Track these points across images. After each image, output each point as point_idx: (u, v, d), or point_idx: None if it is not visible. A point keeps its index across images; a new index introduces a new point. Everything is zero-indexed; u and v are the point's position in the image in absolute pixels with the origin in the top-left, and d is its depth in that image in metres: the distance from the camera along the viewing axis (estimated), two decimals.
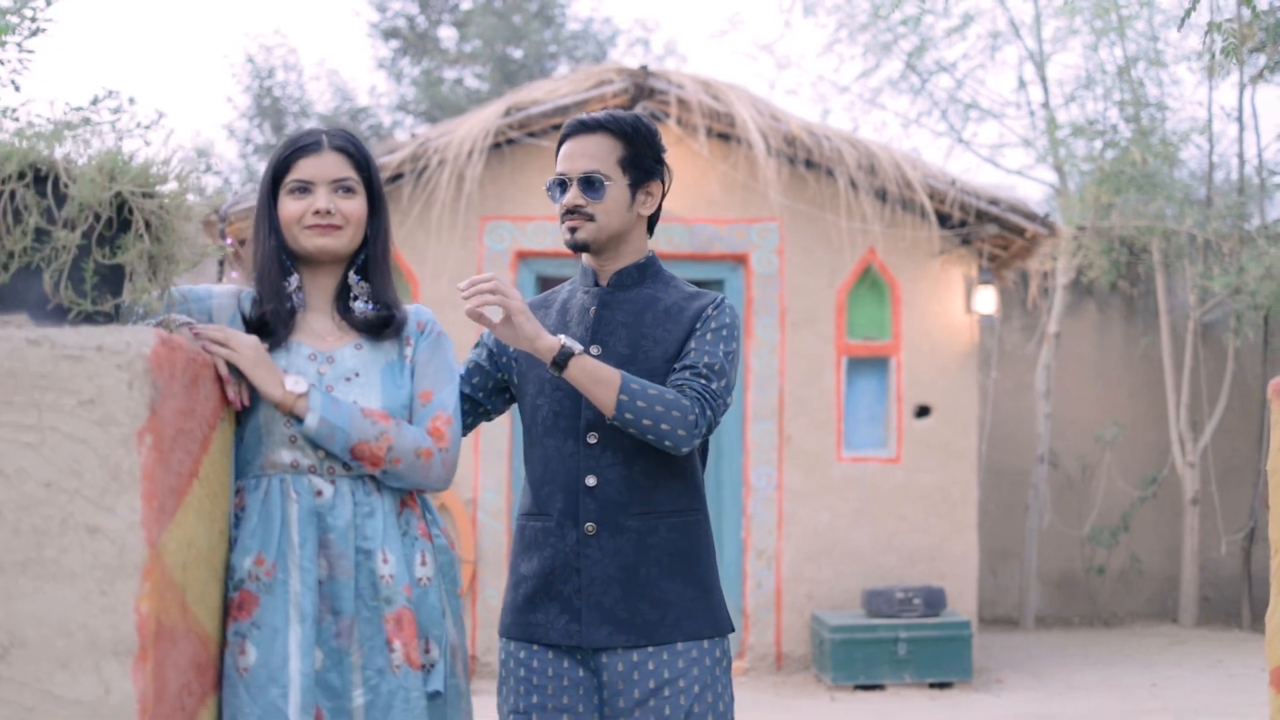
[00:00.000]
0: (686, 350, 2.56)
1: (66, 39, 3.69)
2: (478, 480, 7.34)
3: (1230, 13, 6.23)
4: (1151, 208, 9.43)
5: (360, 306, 2.42)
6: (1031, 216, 7.61)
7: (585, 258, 2.68)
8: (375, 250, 2.45)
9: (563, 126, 2.68)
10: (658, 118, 7.33)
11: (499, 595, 7.08)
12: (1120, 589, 10.03)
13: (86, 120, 4.31)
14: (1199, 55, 9.25)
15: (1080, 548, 9.96)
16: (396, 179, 7.34)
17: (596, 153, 2.59)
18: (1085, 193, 9.41)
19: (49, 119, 4.04)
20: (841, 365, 7.61)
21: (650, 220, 2.70)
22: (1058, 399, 9.91)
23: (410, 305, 2.50)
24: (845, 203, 7.56)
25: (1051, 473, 9.86)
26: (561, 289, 2.76)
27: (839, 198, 7.56)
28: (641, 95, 7.42)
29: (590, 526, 2.52)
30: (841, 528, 7.53)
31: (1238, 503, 9.86)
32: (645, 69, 7.48)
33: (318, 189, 2.37)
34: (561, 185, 2.61)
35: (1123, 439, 9.85)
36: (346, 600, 2.24)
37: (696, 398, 2.48)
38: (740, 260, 7.64)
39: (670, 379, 2.53)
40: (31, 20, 3.78)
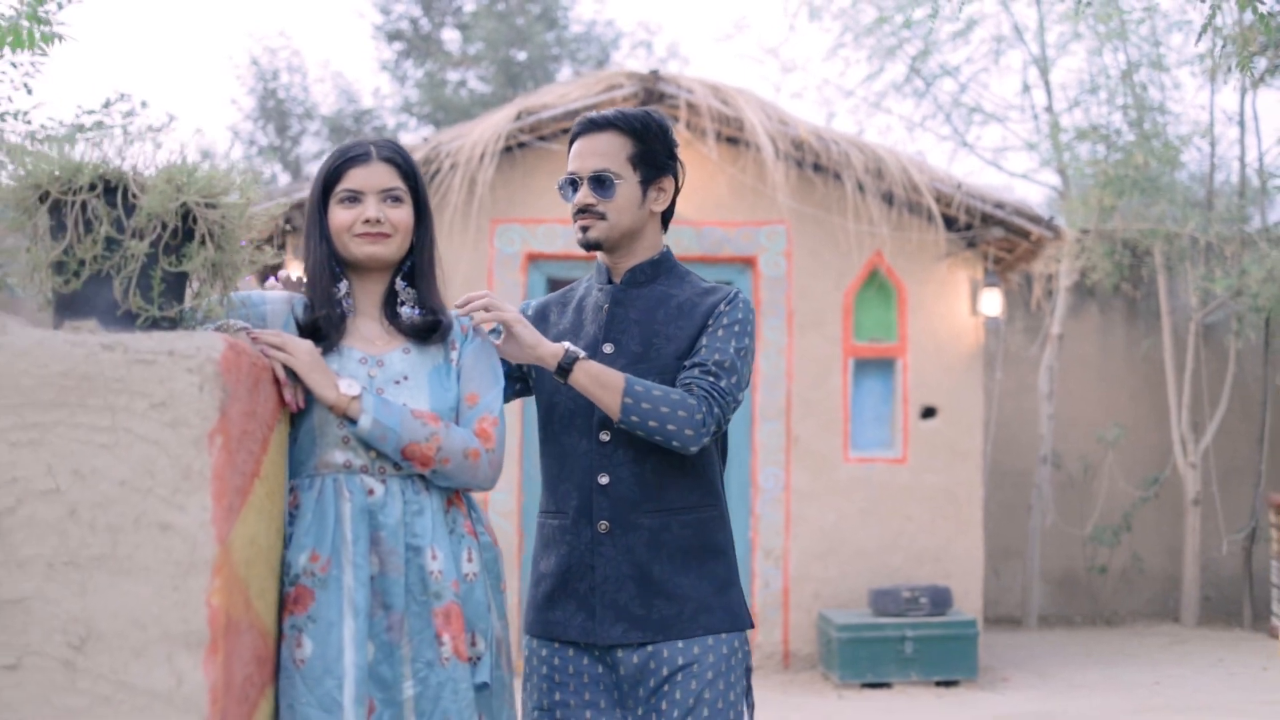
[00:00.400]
0: (698, 347, 2.56)
1: (70, 41, 3.75)
2: None
3: (1233, 17, 6.28)
4: (1154, 211, 9.49)
5: (407, 312, 2.48)
6: (1036, 219, 7.67)
7: (599, 255, 2.69)
8: (421, 257, 2.51)
9: (573, 125, 2.69)
10: None
11: (510, 593, 7.14)
12: (1122, 588, 10.10)
13: (99, 124, 4.35)
14: (1201, 59, 9.32)
15: (1082, 547, 10.03)
16: None
17: (607, 151, 2.61)
18: (1088, 196, 9.46)
19: (61, 122, 4.09)
20: (848, 367, 7.68)
21: (665, 216, 2.70)
22: (1060, 400, 9.98)
23: (454, 310, 2.56)
24: (852, 206, 7.63)
25: (1054, 473, 9.93)
26: (579, 285, 2.77)
27: (846, 201, 7.63)
28: (651, 99, 7.48)
29: (604, 524, 2.54)
30: (848, 527, 7.60)
31: (1239, 503, 9.93)
32: (655, 73, 7.54)
33: (367, 198, 2.44)
34: (573, 184, 2.63)
35: (1125, 440, 9.92)
36: (397, 595, 2.31)
37: (704, 396, 2.49)
38: (748, 263, 7.71)
39: (680, 376, 2.54)
40: (45, 24, 3.84)
